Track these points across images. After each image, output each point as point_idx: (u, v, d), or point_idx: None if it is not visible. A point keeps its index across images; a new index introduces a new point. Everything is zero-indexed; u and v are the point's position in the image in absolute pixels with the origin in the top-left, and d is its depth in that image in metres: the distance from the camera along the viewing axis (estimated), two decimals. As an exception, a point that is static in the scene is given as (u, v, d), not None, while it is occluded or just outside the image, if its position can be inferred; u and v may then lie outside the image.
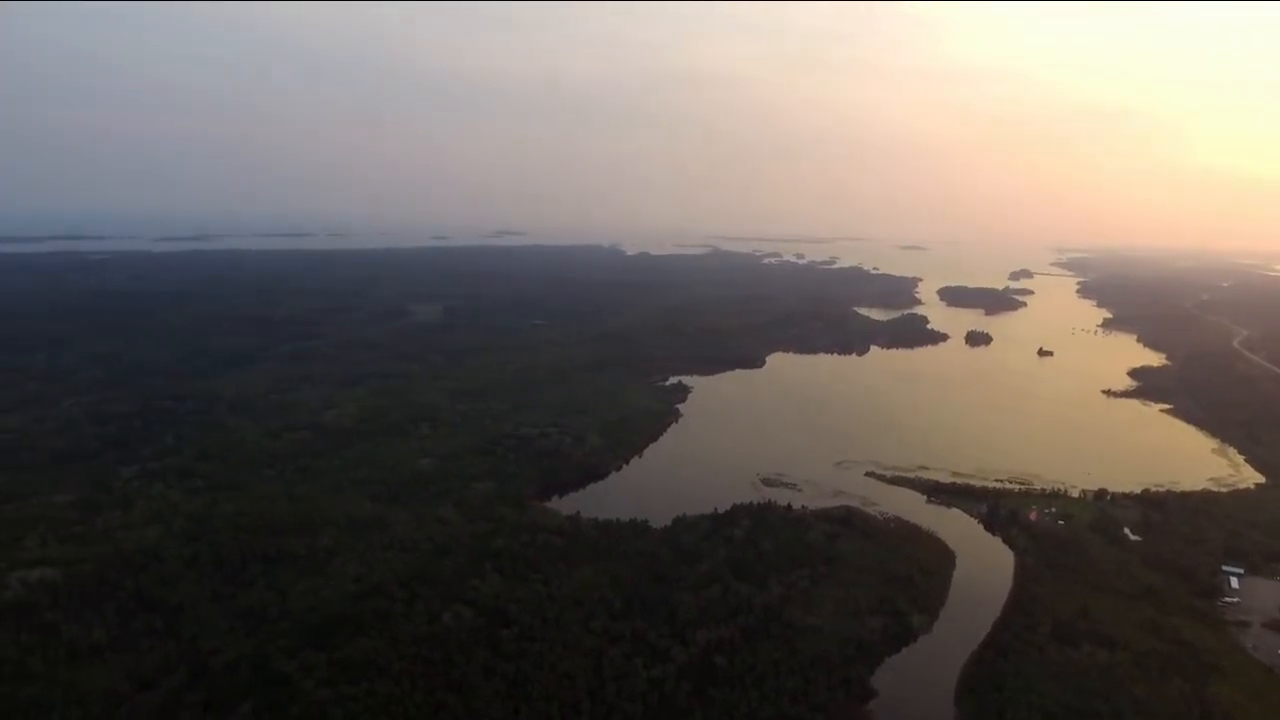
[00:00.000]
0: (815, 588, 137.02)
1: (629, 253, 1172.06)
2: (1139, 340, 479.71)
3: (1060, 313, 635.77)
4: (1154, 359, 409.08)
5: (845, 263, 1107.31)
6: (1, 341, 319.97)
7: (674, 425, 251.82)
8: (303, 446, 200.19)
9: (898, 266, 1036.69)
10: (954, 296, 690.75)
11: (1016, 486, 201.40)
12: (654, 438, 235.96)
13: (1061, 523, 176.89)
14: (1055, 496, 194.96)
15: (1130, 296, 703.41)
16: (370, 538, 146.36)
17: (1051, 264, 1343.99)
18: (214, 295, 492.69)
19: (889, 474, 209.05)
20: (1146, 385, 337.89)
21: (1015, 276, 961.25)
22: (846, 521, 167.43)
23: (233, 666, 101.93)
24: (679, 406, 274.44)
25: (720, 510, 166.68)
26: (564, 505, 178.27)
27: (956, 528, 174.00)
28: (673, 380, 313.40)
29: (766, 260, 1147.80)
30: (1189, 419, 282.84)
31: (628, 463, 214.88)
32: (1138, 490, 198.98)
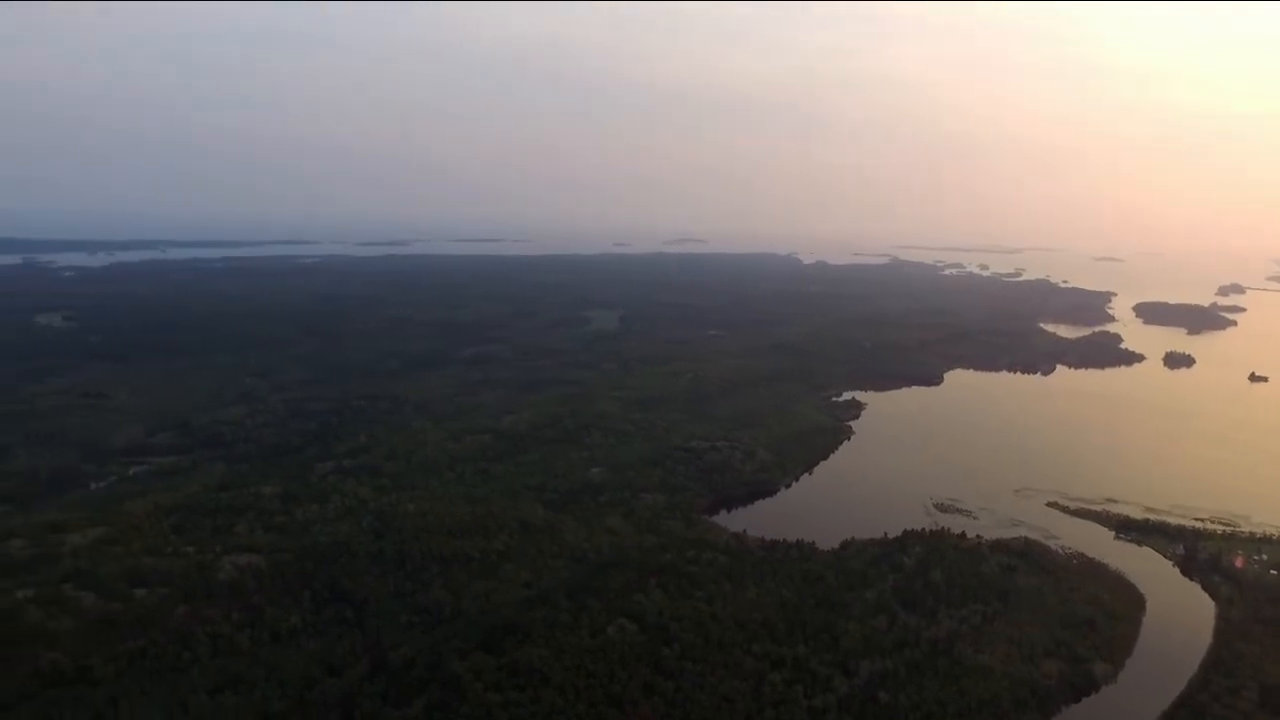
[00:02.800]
0: (987, 624, 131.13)
1: (806, 262, 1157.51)
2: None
3: (1278, 333, 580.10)
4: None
5: (1032, 275, 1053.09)
6: (225, 340, 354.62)
7: (846, 443, 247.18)
8: (481, 450, 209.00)
9: (1090, 279, 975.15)
10: (1152, 313, 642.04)
11: (1220, 527, 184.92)
12: (825, 455, 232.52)
13: (1275, 572, 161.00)
14: (1267, 542, 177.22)
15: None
16: (540, 544, 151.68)
17: (1269, 278, 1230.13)
18: (405, 299, 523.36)
19: (1073, 505, 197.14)
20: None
21: (1224, 292, 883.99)
22: (1025, 555, 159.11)
23: (410, 663, 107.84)
24: (851, 423, 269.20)
25: (890, 535, 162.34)
26: (731, 521, 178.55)
27: (1147, 569, 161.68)
28: (846, 396, 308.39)
29: (947, 271, 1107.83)
30: None
31: (797, 480, 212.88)
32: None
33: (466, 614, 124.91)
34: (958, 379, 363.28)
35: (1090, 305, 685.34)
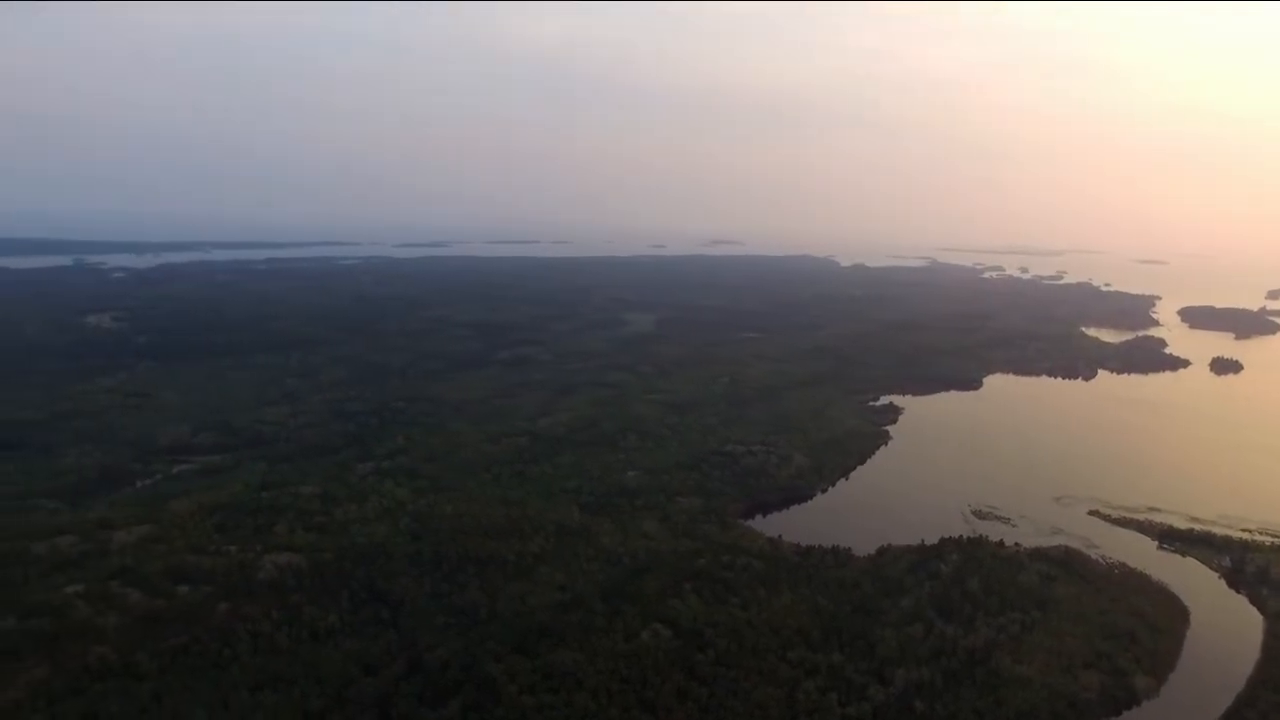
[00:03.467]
0: (1026, 634, 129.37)
1: (843, 264, 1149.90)
2: None
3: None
4: None
5: (1073, 278, 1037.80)
6: (267, 340, 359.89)
7: (883, 448, 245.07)
8: (518, 452, 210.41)
9: (1133, 283, 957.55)
10: (1197, 317, 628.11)
11: (1268, 539, 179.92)
12: (861, 460, 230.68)
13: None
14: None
15: None
16: (576, 547, 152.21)
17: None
18: (444, 300, 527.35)
19: (1114, 514, 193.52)
20: None
21: (1274, 295, 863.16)
22: (1064, 564, 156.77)
23: (445, 664, 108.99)
24: (888, 428, 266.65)
25: (927, 542, 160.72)
26: (766, 526, 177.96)
27: (1192, 581, 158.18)
28: (884, 400, 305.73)
29: (987, 274, 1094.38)
30: None
31: (833, 485, 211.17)
32: None
33: (501, 616, 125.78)
34: (997, 383, 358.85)
35: (1133, 309, 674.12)
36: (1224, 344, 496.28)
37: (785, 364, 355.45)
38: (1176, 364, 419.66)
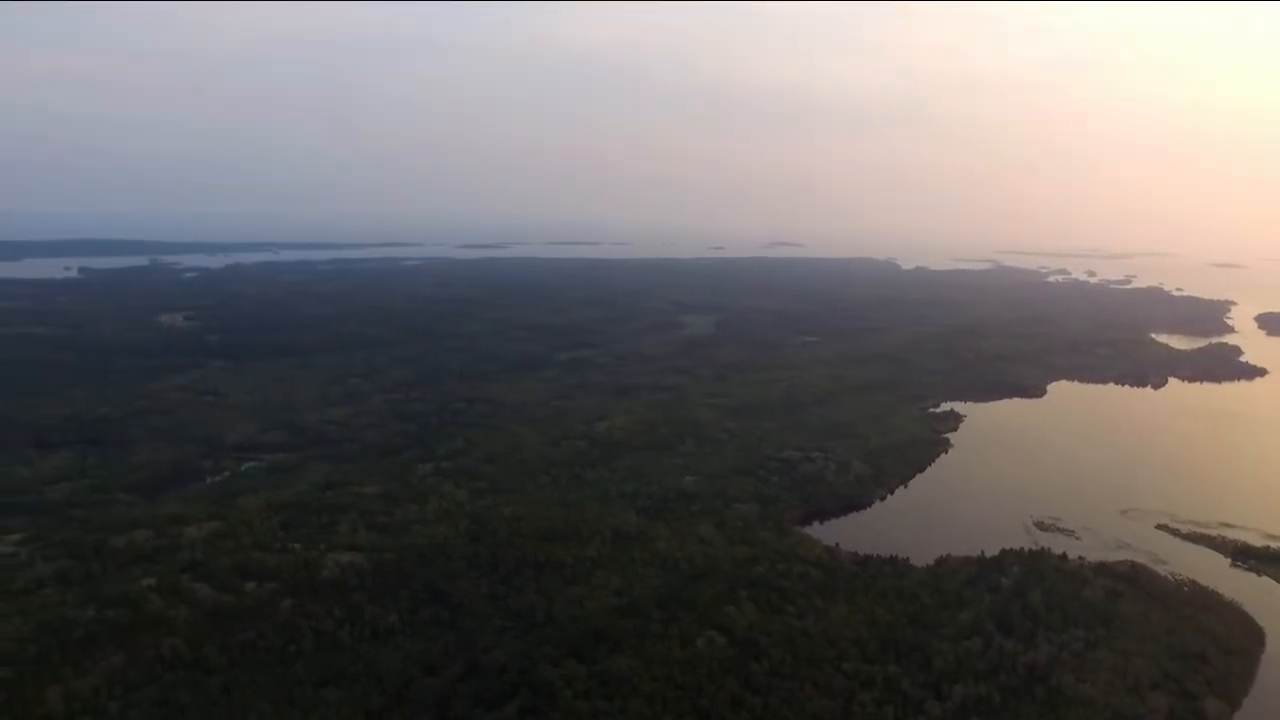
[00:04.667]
0: (1089, 652, 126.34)
1: (905, 267, 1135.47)
2: None
3: None
4: None
5: (1143, 282, 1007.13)
6: (332, 339, 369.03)
7: (943, 456, 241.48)
8: (576, 456, 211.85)
9: (1206, 287, 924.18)
10: (1276, 324, 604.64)
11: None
12: (921, 468, 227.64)
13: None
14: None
15: None
16: (633, 552, 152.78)
17: None
18: (504, 301, 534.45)
19: (1184, 529, 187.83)
20: None
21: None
22: (1131, 580, 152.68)
23: (502, 667, 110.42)
24: (949, 436, 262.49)
25: (987, 554, 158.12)
26: (823, 533, 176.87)
27: (1268, 601, 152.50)
28: (944, 407, 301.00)
29: (1052, 278, 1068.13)
30: None
31: (892, 493, 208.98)
32: None
33: (558, 620, 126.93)
34: (1062, 391, 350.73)
35: (1207, 315, 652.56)
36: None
37: (844, 368, 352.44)
38: (1253, 372, 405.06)
